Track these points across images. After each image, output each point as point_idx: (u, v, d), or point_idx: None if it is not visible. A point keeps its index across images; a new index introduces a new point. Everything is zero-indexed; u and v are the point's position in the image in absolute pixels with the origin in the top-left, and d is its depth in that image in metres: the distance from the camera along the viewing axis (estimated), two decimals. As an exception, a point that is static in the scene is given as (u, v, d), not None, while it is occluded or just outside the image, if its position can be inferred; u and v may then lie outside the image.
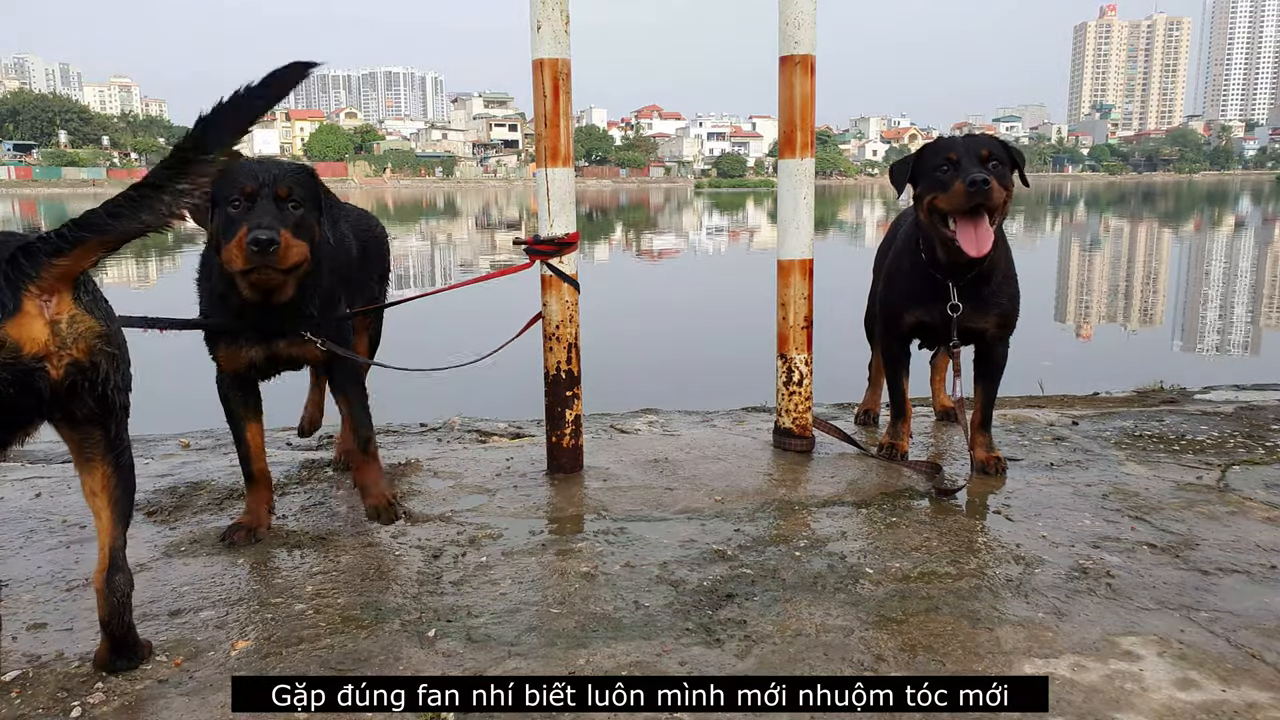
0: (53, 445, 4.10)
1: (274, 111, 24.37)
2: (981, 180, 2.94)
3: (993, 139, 3.20)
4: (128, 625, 1.98)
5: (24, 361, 1.65)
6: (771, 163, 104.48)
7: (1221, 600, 2.31)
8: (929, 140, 3.32)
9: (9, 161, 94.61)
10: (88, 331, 1.74)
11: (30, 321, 1.65)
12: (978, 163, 3.05)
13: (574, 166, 3.38)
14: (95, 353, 1.75)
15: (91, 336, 1.74)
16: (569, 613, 2.29)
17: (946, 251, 3.16)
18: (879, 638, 2.14)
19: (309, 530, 2.85)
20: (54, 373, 1.70)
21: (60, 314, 1.70)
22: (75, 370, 1.73)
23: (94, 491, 1.92)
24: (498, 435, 4.15)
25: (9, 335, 1.63)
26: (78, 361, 1.72)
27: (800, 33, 3.44)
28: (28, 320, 1.65)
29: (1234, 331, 9.67)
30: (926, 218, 3.17)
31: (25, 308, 1.64)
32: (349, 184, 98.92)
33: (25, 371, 1.66)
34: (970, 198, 2.97)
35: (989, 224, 3.04)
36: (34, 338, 1.65)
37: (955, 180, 3.02)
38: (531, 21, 3.17)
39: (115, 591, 1.93)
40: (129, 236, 1.69)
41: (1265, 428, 3.91)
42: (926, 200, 3.14)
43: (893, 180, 3.36)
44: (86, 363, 1.74)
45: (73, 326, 1.71)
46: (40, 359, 1.67)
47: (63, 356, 1.70)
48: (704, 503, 3.09)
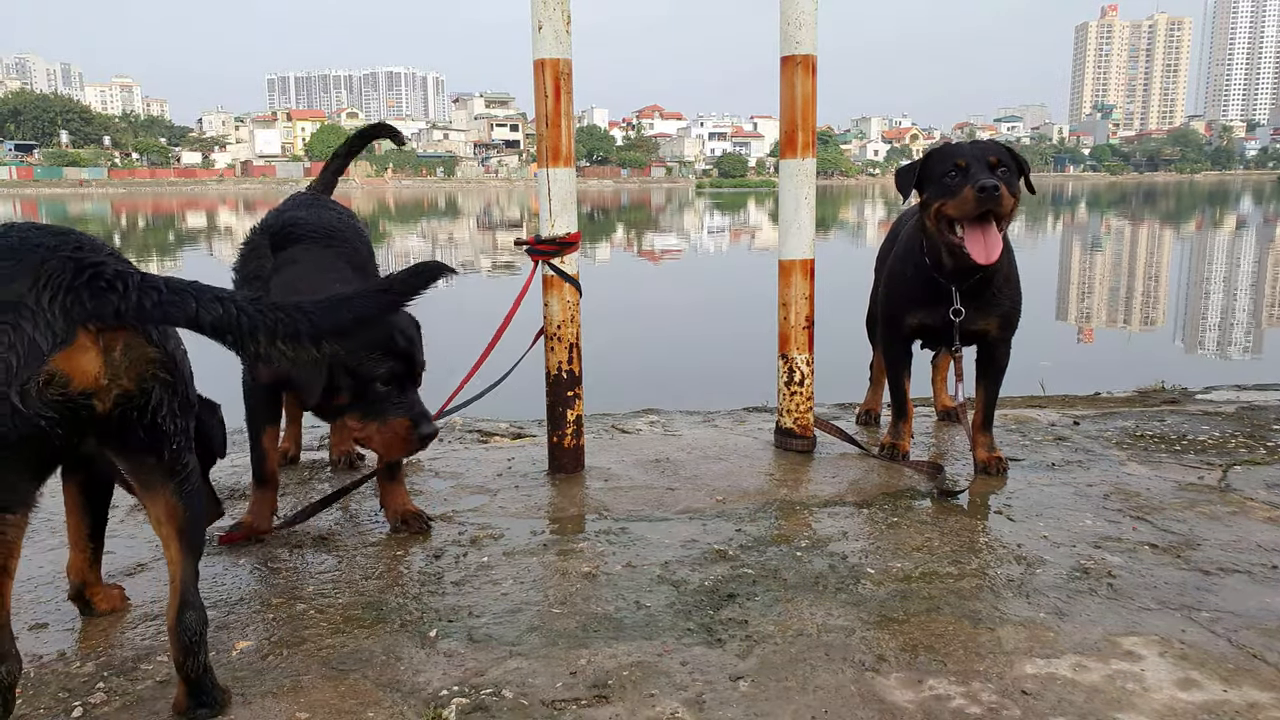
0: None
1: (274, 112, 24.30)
2: (992, 186, 2.93)
3: (1000, 145, 3.19)
4: (204, 667, 1.80)
5: (71, 397, 1.52)
6: (773, 163, 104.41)
7: (1223, 600, 2.31)
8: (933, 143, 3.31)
9: (10, 161, 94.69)
10: (140, 358, 1.60)
11: (83, 354, 1.52)
12: (986, 169, 3.04)
13: (575, 166, 3.38)
14: (146, 380, 1.61)
15: (144, 363, 1.60)
16: (570, 613, 2.29)
17: (953, 257, 3.15)
18: (880, 638, 2.14)
19: (310, 530, 2.85)
20: (100, 407, 1.56)
21: (115, 341, 1.56)
22: (124, 400, 1.59)
23: (159, 520, 1.78)
24: (499, 435, 4.15)
25: (59, 369, 1.49)
26: (127, 392, 1.59)
27: (801, 33, 3.44)
28: (80, 352, 1.51)
29: (1235, 331, 9.66)
30: (934, 224, 3.16)
31: (80, 339, 1.51)
32: (350, 184, 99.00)
33: (71, 407, 1.53)
34: (981, 203, 2.96)
35: (997, 230, 3.04)
36: (85, 371, 1.52)
37: (965, 186, 3.00)
38: (533, 22, 3.17)
39: (187, 630, 1.77)
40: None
41: (1266, 428, 3.91)
42: (934, 206, 3.13)
43: (898, 185, 3.35)
44: (135, 391, 1.60)
45: (126, 354, 1.57)
46: (89, 394, 1.54)
47: (111, 390, 1.57)
48: (705, 503, 3.09)
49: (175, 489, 1.75)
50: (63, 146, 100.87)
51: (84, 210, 46.46)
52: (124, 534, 2.82)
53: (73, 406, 1.53)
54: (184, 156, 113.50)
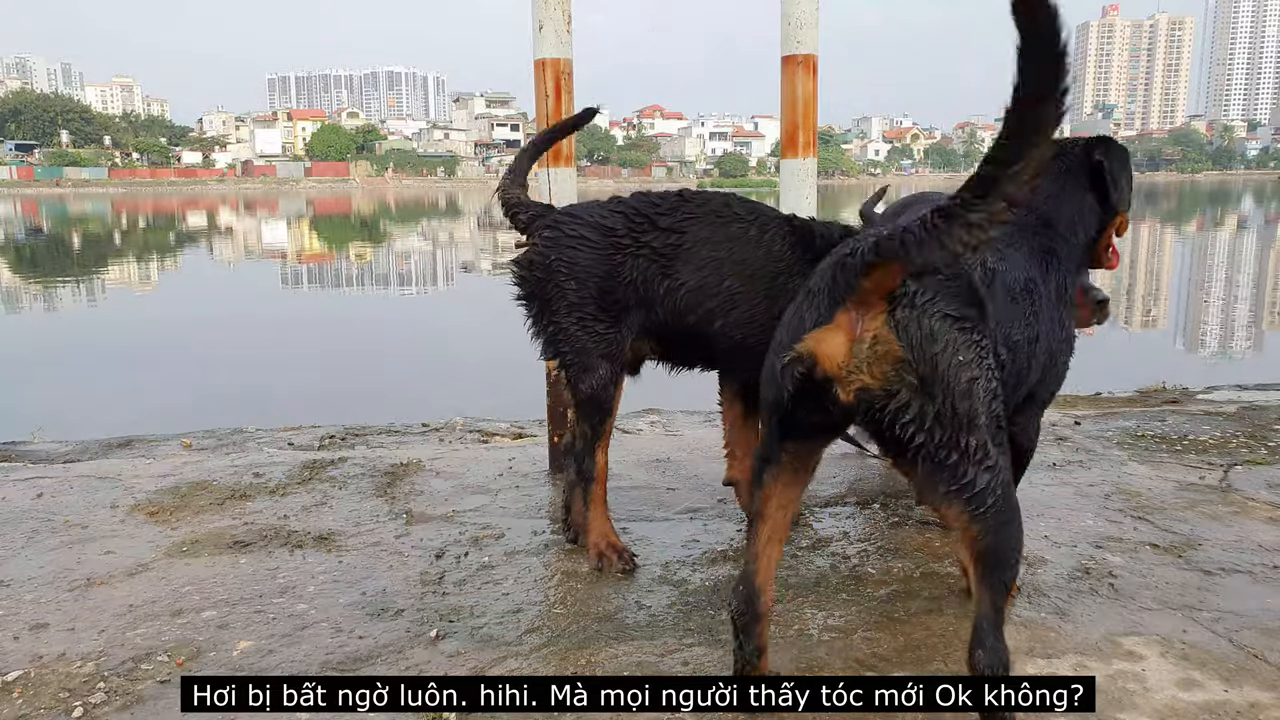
0: (54, 446, 4.11)
1: (275, 111, 24.27)
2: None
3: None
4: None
5: (814, 377, 1.54)
6: (774, 163, 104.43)
7: (1224, 600, 2.31)
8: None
9: (11, 161, 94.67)
10: (886, 355, 1.52)
11: (834, 336, 1.53)
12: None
13: (576, 166, 3.38)
14: (890, 381, 1.52)
15: (889, 361, 1.52)
16: (571, 613, 2.29)
17: None
18: (881, 638, 2.14)
19: (311, 530, 2.85)
20: (843, 395, 1.55)
21: (867, 333, 1.53)
22: (864, 396, 1.54)
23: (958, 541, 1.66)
24: (500, 435, 4.15)
25: (808, 348, 1.53)
26: (867, 387, 1.54)
27: (803, 33, 3.44)
28: (832, 334, 1.53)
29: (1236, 331, 9.65)
30: None
31: (837, 319, 1.53)
32: (351, 184, 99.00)
33: (813, 386, 1.55)
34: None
35: None
36: (831, 355, 1.53)
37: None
38: (533, 21, 3.17)
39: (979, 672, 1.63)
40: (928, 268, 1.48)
41: (1268, 428, 3.90)
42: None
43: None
44: (877, 390, 1.53)
45: (874, 349, 1.53)
46: (829, 380, 1.54)
47: (851, 381, 1.53)
48: (706, 503, 3.09)
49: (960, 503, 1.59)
50: (63, 146, 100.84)
51: (85, 210, 46.47)
52: (124, 534, 2.82)
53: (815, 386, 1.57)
54: (184, 156, 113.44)
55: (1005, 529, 1.59)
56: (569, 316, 2.49)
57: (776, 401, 1.63)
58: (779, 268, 2.52)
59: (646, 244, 2.49)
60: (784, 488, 1.76)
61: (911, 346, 1.51)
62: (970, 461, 1.55)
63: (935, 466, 1.55)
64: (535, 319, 2.58)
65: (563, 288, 2.48)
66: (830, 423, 1.63)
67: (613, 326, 2.50)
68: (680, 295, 2.49)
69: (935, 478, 1.57)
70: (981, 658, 1.61)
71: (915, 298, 1.53)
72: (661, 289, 2.49)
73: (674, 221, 2.52)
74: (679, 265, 2.49)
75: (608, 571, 2.52)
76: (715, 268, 2.49)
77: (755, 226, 2.55)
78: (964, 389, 1.53)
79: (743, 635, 1.80)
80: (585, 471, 2.59)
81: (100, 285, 15.04)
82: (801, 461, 1.76)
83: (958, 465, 1.55)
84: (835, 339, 1.53)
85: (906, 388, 1.52)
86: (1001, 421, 1.61)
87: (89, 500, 3.12)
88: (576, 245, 2.49)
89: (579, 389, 2.52)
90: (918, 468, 1.57)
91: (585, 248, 2.49)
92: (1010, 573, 1.63)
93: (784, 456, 1.73)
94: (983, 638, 1.61)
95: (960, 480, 1.55)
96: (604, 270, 2.48)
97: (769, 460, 1.74)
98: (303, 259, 20.47)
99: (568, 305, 2.49)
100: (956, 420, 1.53)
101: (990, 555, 1.59)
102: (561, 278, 2.49)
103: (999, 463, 1.57)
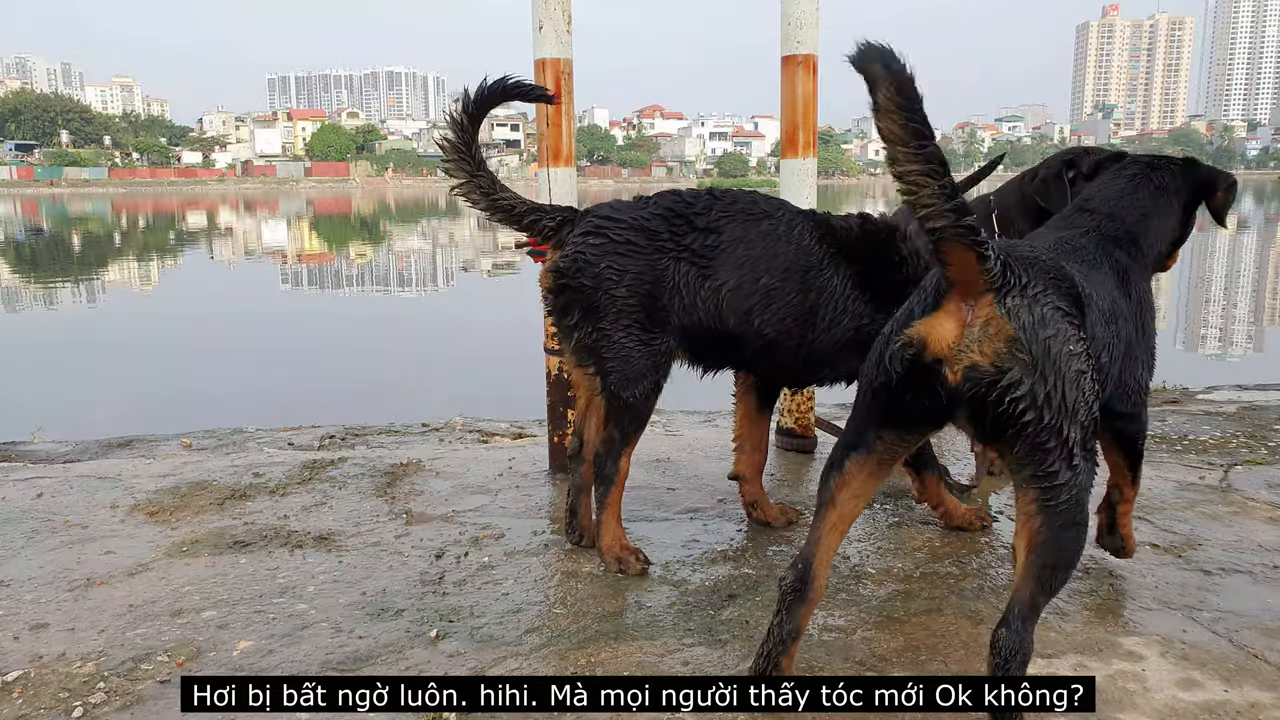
0: (54, 446, 4.11)
1: (275, 111, 24.23)
2: None
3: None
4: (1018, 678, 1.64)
5: (923, 360, 1.61)
6: (774, 163, 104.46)
7: (1224, 600, 2.31)
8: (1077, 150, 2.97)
9: (11, 161, 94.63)
10: (997, 334, 1.57)
11: (944, 320, 1.60)
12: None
13: (576, 166, 3.38)
14: (1002, 358, 1.56)
15: (1001, 339, 1.56)
16: (571, 613, 2.29)
17: None
18: (881, 637, 2.14)
19: (311, 530, 2.85)
20: (951, 377, 1.60)
21: (978, 318, 1.58)
22: (973, 374, 1.58)
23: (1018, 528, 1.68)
24: (499, 435, 4.15)
25: (919, 332, 1.60)
26: (976, 365, 1.58)
27: (803, 33, 3.44)
28: (942, 319, 1.60)
29: (1237, 331, 9.66)
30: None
31: (945, 307, 1.60)
32: (351, 184, 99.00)
33: (922, 368, 1.61)
34: None
35: None
36: (941, 337, 1.59)
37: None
38: (533, 21, 3.17)
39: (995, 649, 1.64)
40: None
41: (1268, 428, 3.91)
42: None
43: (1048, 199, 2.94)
44: (987, 366, 1.57)
45: (985, 329, 1.57)
46: (939, 361, 1.60)
47: (960, 359, 1.59)
48: (706, 503, 3.09)
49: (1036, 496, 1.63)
50: (63, 146, 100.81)
51: (85, 210, 46.47)
52: (124, 534, 2.82)
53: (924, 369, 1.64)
54: (184, 156, 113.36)
55: (1068, 531, 1.63)
56: (616, 324, 2.45)
57: (883, 385, 1.69)
58: (809, 262, 2.53)
59: (687, 246, 2.47)
60: (865, 478, 1.80)
61: (1024, 328, 1.56)
62: (1062, 454, 1.59)
63: (1032, 448, 1.59)
64: (575, 326, 2.49)
65: (612, 294, 2.43)
66: (932, 408, 1.66)
67: (660, 335, 2.48)
68: (722, 296, 2.47)
69: (1027, 459, 1.61)
70: (1004, 637, 1.62)
71: (1026, 288, 1.58)
72: (703, 290, 2.47)
73: (710, 221, 2.50)
74: (718, 266, 2.48)
75: (629, 573, 2.51)
76: (751, 266, 2.49)
77: (783, 223, 2.56)
78: (1073, 378, 1.58)
79: (785, 612, 1.82)
80: (607, 475, 2.54)
81: (100, 285, 15.05)
82: (891, 453, 1.80)
83: (1051, 453, 1.59)
84: (945, 323, 1.59)
85: (1019, 365, 1.56)
86: (1093, 429, 1.65)
87: (89, 500, 3.12)
88: (625, 251, 2.44)
89: (621, 396, 2.48)
90: (1014, 447, 1.61)
91: (635, 253, 2.45)
92: (1061, 576, 1.66)
93: (877, 444, 1.77)
94: (1011, 620, 1.63)
95: (1048, 468, 1.60)
96: (653, 276, 2.45)
97: (856, 447, 1.78)
98: (303, 259, 20.48)
99: (616, 312, 2.44)
100: (1064, 406, 1.57)
101: (1046, 549, 1.63)
102: (611, 284, 2.43)
103: (1081, 467, 1.62)
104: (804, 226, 2.57)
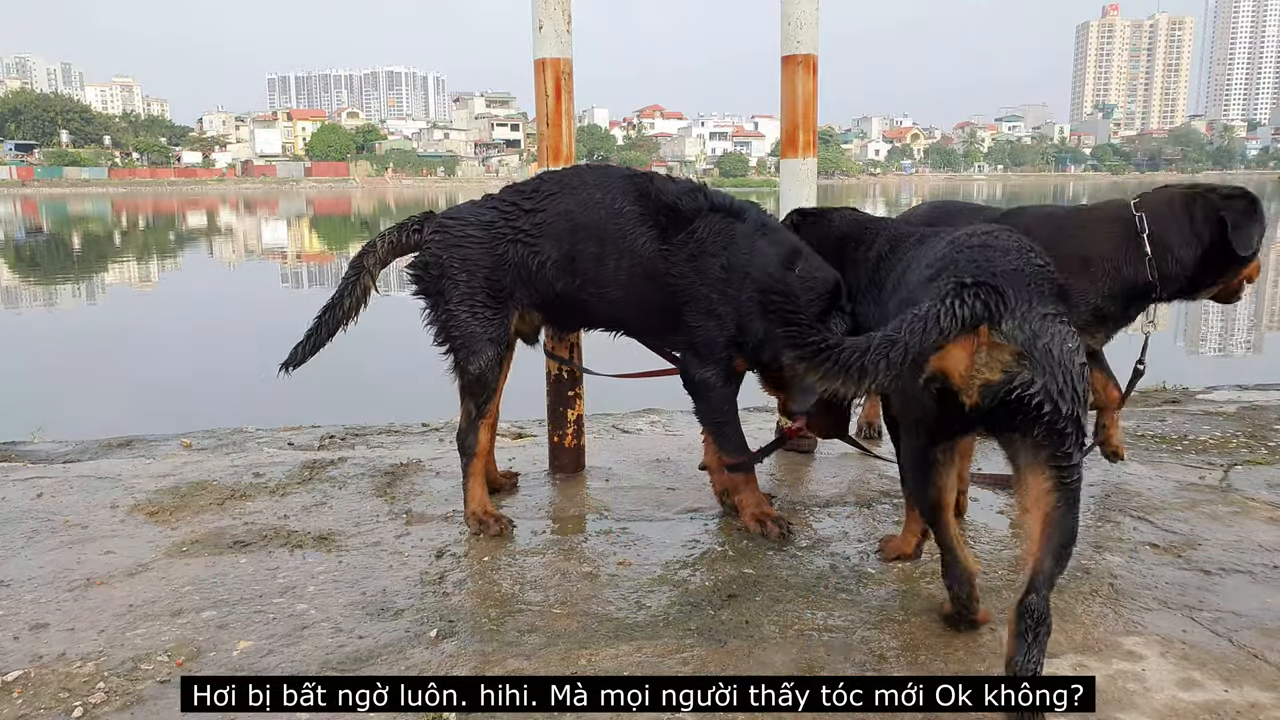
0: (54, 446, 4.11)
1: (275, 111, 24.23)
2: None
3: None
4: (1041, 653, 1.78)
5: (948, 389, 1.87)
6: (774, 162, 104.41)
7: (1224, 600, 2.31)
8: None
9: (11, 161, 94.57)
10: (1002, 353, 1.80)
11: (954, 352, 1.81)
12: None
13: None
14: (1010, 368, 1.80)
15: (1007, 355, 1.80)
16: (571, 613, 2.29)
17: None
18: (881, 637, 2.14)
19: (311, 530, 2.85)
20: (968, 399, 1.85)
21: (981, 346, 1.81)
22: (989, 390, 1.82)
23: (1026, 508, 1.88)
24: (499, 435, 4.14)
25: (936, 368, 1.84)
26: (990, 382, 1.82)
27: (802, 33, 3.44)
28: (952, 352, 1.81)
29: (1237, 332, 9.65)
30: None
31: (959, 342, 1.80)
32: (350, 184, 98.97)
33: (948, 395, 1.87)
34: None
35: None
36: (954, 368, 1.83)
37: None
38: (533, 21, 3.17)
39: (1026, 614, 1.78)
40: None
41: (1268, 428, 3.90)
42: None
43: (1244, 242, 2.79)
44: (999, 379, 1.81)
45: (990, 354, 1.81)
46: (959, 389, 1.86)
47: (975, 380, 1.83)
48: (706, 503, 3.08)
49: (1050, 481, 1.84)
50: (63, 146, 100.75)
51: (85, 210, 46.46)
52: (124, 534, 2.82)
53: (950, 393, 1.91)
54: (184, 156, 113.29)
55: (1074, 509, 1.84)
56: (460, 305, 2.78)
57: (925, 415, 2.01)
58: (623, 226, 2.73)
59: (520, 229, 2.76)
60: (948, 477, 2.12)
61: (1023, 344, 1.78)
62: (1076, 439, 1.81)
63: (1051, 433, 1.79)
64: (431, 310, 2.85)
65: (455, 280, 2.78)
66: (964, 419, 1.91)
67: (500, 311, 2.80)
68: (548, 267, 2.75)
69: (1045, 441, 1.80)
70: (1035, 602, 1.77)
71: (1015, 311, 1.78)
72: (533, 265, 2.75)
73: (536, 204, 2.78)
74: (543, 241, 2.75)
75: (489, 534, 2.77)
76: (570, 236, 2.74)
77: (600, 190, 2.76)
78: (1079, 371, 1.80)
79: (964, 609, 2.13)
80: (469, 448, 2.88)
81: (100, 285, 15.05)
82: (951, 455, 2.11)
83: (1067, 437, 1.79)
84: (956, 355, 1.82)
85: (1028, 368, 1.78)
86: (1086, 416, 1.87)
87: (89, 500, 3.12)
88: (462, 243, 2.79)
89: (469, 371, 2.82)
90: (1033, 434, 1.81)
91: (471, 243, 2.78)
92: (1069, 550, 1.85)
93: (939, 457, 2.09)
94: (1038, 587, 1.79)
95: (1065, 449, 1.80)
96: (491, 261, 2.77)
97: (933, 464, 2.09)
98: (303, 258, 20.47)
99: (459, 296, 2.78)
100: (1076, 396, 1.79)
101: (1060, 526, 1.82)
102: (453, 271, 2.78)
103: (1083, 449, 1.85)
104: (619, 191, 2.76)
